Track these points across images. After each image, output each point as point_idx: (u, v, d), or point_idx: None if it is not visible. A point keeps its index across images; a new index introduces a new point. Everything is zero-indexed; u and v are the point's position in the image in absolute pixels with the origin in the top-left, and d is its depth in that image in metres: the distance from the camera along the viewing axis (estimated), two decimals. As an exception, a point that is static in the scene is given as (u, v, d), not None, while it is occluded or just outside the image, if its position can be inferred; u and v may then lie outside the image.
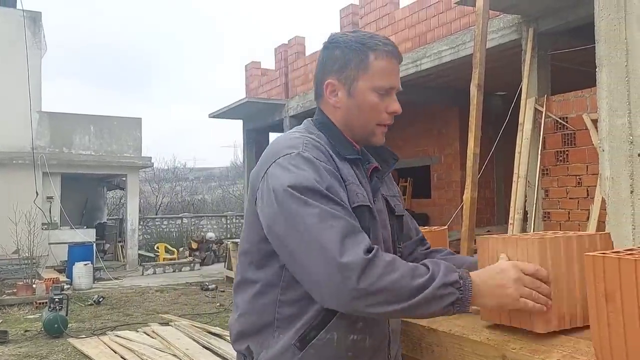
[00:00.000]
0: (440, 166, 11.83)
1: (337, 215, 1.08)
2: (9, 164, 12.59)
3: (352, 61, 1.28)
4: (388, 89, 1.29)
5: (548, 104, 6.19)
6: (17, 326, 7.68)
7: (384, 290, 1.03)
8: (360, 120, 1.30)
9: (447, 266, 1.10)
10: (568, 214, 6.02)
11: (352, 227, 1.09)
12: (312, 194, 1.10)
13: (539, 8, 6.24)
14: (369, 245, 1.08)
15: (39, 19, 14.12)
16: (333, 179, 1.16)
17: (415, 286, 1.05)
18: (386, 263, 1.05)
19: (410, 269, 1.07)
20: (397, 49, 1.33)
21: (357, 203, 1.18)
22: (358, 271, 1.03)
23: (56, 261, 12.81)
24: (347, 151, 1.27)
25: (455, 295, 1.07)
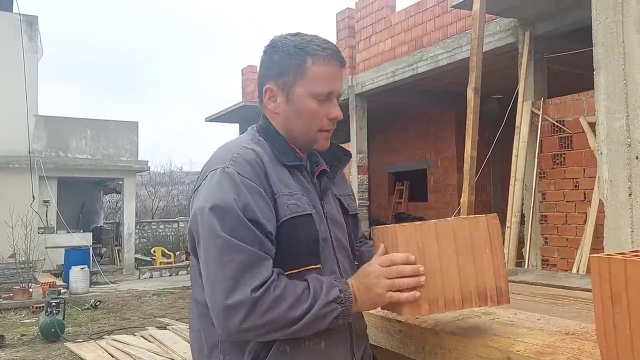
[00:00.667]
0: (437, 169, 11.85)
1: (239, 248, 1.11)
2: (5, 168, 12.55)
3: (290, 66, 1.25)
4: (327, 94, 1.25)
5: (545, 107, 6.22)
6: (13, 330, 7.64)
7: (268, 324, 1.10)
8: (299, 127, 1.27)
9: (329, 283, 1.16)
10: (565, 216, 6.04)
11: (254, 259, 1.11)
12: (227, 217, 1.13)
13: (535, 11, 6.27)
14: (264, 278, 1.11)
15: (35, 23, 14.09)
16: (254, 196, 1.16)
17: (298, 315, 1.11)
18: (273, 298, 1.10)
19: (295, 297, 1.12)
20: (338, 52, 1.28)
21: (287, 216, 1.18)
22: (243, 312, 1.09)
23: (52, 265, 12.76)
24: (287, 158, 1.25)
25: (338, 310, 1.14)
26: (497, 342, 1.14)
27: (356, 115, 10.03)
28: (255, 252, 1.12)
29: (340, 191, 1.39)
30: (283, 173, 1.23)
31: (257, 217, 1.14)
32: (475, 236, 1.15)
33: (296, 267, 1.19)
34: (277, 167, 1.23)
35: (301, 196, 1.23)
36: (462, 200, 5.83)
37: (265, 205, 1.16)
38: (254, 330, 1.11)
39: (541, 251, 6.31)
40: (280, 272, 1.16)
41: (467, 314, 1.41)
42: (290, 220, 1.18)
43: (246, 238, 1.12)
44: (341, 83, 1.29)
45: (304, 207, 1.21)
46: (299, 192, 1.23)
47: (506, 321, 1.29)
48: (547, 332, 1.17)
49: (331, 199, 1.33)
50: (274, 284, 1.12)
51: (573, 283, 1.66)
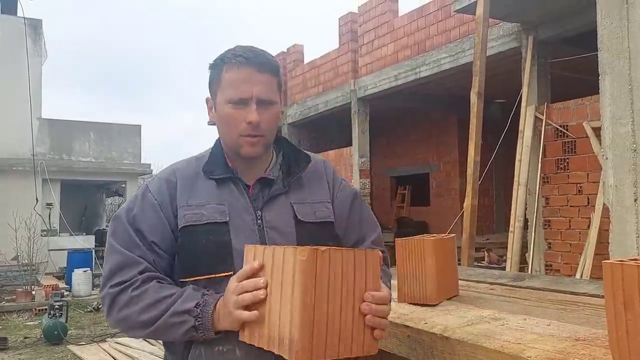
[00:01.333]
0: (439, 174, 11.85)
1: (116, 250, 1.25)
2: (8, 171, 12.58)
3: (213, 77, 1.32)
4: (240, 100, 1.26)
5: (548, 111, 6.22)
6: (16, 333, 7.65)
7: (124, 320, 1.22)
8: (224, 134, 1.33)
9: (189, 295, 1.18)
10: (569, 221, 6.03)
11: (126, 261, 1.24)
12: (118, 224, 1.29)
13: (538, 16, 6.28)
14: (128, 277, 1.22)
15: (39, 27, 14.15)
16: (147, 210, 1.28)
17: (149, 318, 1.18)
18: (129, 297, 1.20)
19: (152, 301, 1.18)
20: (257, 57, 1.28)
21: (182, 225, 1.26)
22: (106, 306, 1.25)
23: (55, 268, 12.77)
24: (213, 171, 1.31)
25: (191, 322, 1.15)
26: (508, 348, 1.14)
27: (358, 119, 10.04)
28: (128, 255, 1.24)
29: (302, 198, 1.35)
30: (206, 185, 1.30)
31: (141, 227, 1.27)
32: (286, 269, 1.02)
33: (202, 273, 1.23)
34: (200, 180, 1.31)
35: (215, 206, 1.27)
36: (465, 205, 5.83)
37: (156, 217, 1.27)
38: (116, 324, 1.24)
39: (544, 256, 6.30)
40: (151, 277, 1.23)
41: (476, 319, 1.41)
42: (185, 228, 1.25)
43: (126, 243, 1.25)
44: (262, 88, 1.27)
45: (210, 216, 1.25)
46: (215, 202, 1.27)
47: (516, 327, 1.29)
48: (558, 338, 1.17)
49: (279, 206, 1.31)
50: (135, 284, 1.21)
51: (581, 289, 1.66)
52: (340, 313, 1.02)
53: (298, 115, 11.97)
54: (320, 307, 1.00)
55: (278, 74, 1.33)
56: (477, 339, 1.24)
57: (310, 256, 0.99)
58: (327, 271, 1.01)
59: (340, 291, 1.03)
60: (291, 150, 1.42)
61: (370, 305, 1.06)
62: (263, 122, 1.27)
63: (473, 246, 5.77)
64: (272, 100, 1.29)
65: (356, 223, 1.42)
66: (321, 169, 1.43)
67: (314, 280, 0.99)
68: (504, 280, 1.93)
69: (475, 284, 1.95)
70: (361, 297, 1.06)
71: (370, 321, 1.06)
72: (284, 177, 1.36)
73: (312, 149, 12.60)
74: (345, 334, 1.03)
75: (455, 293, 1.76)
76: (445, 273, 1.69)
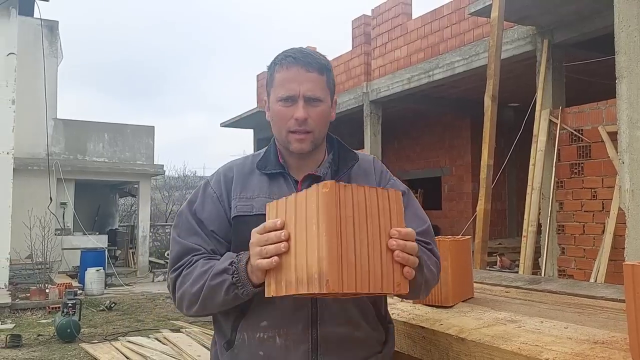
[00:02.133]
0: (452, 177, 11.80)
1: (176, 241, 1.36)
2: (24, 170, 12.72)
3: (268, 77, 1.40)
4: (289, 97, 1.32)
5: (563, 115, 6.18)
6: (30, 330, 7.72)
7: (183, 298, 1.29)
8: (276, 131, 1.39)
9: (224, 257, 1.26)
10: (583, 227, 5.98)
11: (184, 249, 1.33)
12: (181, 217, 1.40)
13: (554, 19, 6.25)
14: (183, 262, 1.31)
15: (55, 28, 14.32)
16: (207, 201, 1.39)
17: (197, 288, 1.25)
18: (182, 276, 1.30)
19: (198, 274, 1.26)
20: (305, 56, 1.34)
21: (232, 215, 1.35)
22: (170, 290, 1.35)
23: (68, 266, 12.90)
24: (267, 166, 1.40)
25: (228, 280, 1.20)
26: (525, 350, 1.14)
27: (371, 121, 10.04)
28: (185, 244, 1.34)
29: None
30: (258, 180, 1.39)
31: (201, 217, 1.37)
32: (309, 207, 1.03)
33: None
34: (255, 175, 1.40)
35: (264, 199, 1.33)
36: (478, 208, 5.80)
37: (214, 208, 1.37)
38: (180, 304, 1.32)
39: (558, 261, 6.25)
40: (201, 257, 1.31)
41: (492, 321, 1.41)
42: (236, 218, 1.34)
43: (185, 233, 1.36)
44: (309, 85, 1.32)
45: (259, 208, 1.32)
46: (264, 195, 1.35)
47: (533, 329, 1.29)
48: (576, 340, 1.16)
49: None
50: (187, 265, 1.30)
51: (598, 292, 1.65)
52: (367, 248, 1.02)
53: (310, 117, 11.96)
54: (346, 240, 1.00)
55: (327, 73, 1.36)
56: (494, 341, 1.23)
57: (332, 188, 1.00)
58: (350, 205, 1.02)
59: (366, 226, 1.03)
60: (341, 150, 1.46)
61: (398, 240, 1.05)
62: (310, 118, 1.32)
63: (486, 250, 5.74)
64: (319, 98, 1.33)
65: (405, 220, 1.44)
66: (370, 166, 1.47)
67: (338, 212, 1.00)
68: (520, 284, 1.92)
69: (490, 287, 1.94)
70: (387, 234, 1.06)
71: (398, 256, 1.05)
72: (333, 175, 1.40)
73: (324, 151, 12.59)
74: (375, 269, 1.02)
75: (470, 295, 1.76)
76: (460, 275, 1.69)
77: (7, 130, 10.27)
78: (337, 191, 1.00)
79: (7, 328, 7.86)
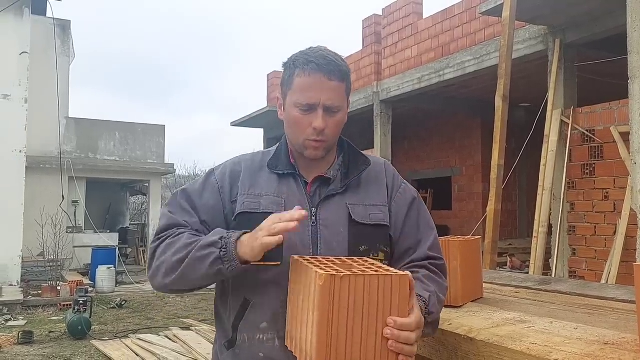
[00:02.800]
0: (462, 178, 11.75)
1: (164, 215, 1.38)
2: (36, 168, 12.85)
3: (285, 78, 1.37)
4: (308, 105, 1.31)
5: (575, 116, 6.14)
6: (41, 327, 7.80)
7: (160, 266, 1.29)
8: (290, 134, 1.38)
9: (215, 232, 1.27)
10: (594, 228, 5.94)
11: (170, 223, 1.34)
12: (176, 195, 1.41)
13: (566, 19, 6.21)
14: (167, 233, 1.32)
15: (68, 28, 14.45)
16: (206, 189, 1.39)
17: (180, 257, 1.25)
18: (165, 245, 1.29)
19: (183, 244, 1.26)
20: (328, 65, 1.31)
21: (238, 211, 1.34)
22: (149, 258, 1.35)
23: (80, 264, 13.02)
24: (278, 165, 1.39)
25: (215, 253, 1.20)
26: (535, 350, 1.13)
27: (381, 121, 10.03)
28: (175, 219, 1.35)
29: (357, 200, 1.37)
30: (268, 178, 1.38)
31: (195, 202, 1.37)
32: (310, 288, 1.05)
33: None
34: (264, 173, 1.39)
35: (273, 197, 1.34)
36: (488, 209, 5.78)
37: (213, 198, 1.37)
38: (155, 273, 1.31)
39: (569, 262, 6.21)
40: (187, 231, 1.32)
41: (501, 322, 1.41)
42: (242, 214, 1.33)
43: (176, 209, 1.37)
44: (330, 95, 1.31)
45: (267, 206, 1.32)
46: (273, 194, 1.35)
47: (542, 329, 1.29)
48: (585, 341, 1.16)
49: (334, 206, 1.35)
50: (171, 234, 1.31)
51: (609, 294, 1.64)
52: (361, 337, 1.03)
53: (320, 117, 11.97)
54: (339, 330, 1.01)
55: (347, 79, 1.36)
56: (503, 341, 1.23)
57: (327, 282, 1.00)
58: (346, 295, 1.02)
59: (362, 314, 1.03)
60: (352, 153, 1.45)
61: (393, 330, 1.05)
62: (328, 128, 1.32)
63: (496, 251, 5.71)
64: (338, 107, 1.33)
65: (412, 227, 1.42)
66: (382, 172, 1.45)
67: (331, 306, 1.00)
68: (530, 284, 1.91)
69: (500, 287, 1.94)
70: (384, 322, 1.05)
71: (392, 347, 1.05)
72: (342, 178, 1.39)
73: (333, 150, 12.60)
74: (367, 357, 1.03)
75: (480, 295, 1.76)
76: (470, 275, 1.69)
77: (20, 129, 10.37)
78: (332, 285, 1.00)
79: (19, 324, 7.95)
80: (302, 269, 1.11)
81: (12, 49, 10.44)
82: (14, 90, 10.38)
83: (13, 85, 10.39)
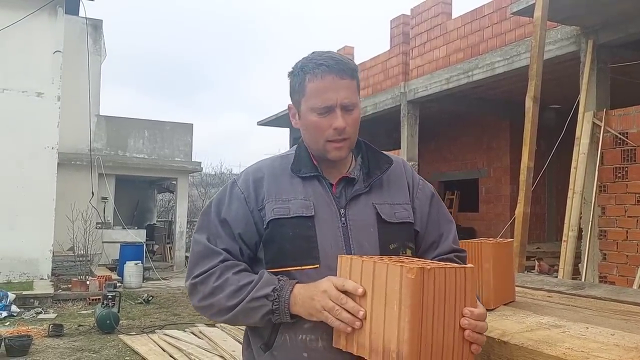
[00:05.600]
0: (489, 179, 11.62)
1: (197, 242, 1.35)
2: (68, 165, 13.14)
3: (296, 86, 1.38)
4: (325, 108, 1.32)
5: (607, 118, 6.01)
6: (71, 320, 7.98)
7: (208, 308, 1.31)
8: (310, 140, 1.38)
9: (266, 281, 1.25)
10: (626, 232, 5.81)
11: (206, 251, 1.33)
12: (204, 217, 1.40)
13: (599, 19, 6.08)
14: (207, 268, 1.31)
15: (99, 27, 14.73)
16: (233, 202, 1.37)
17: (232, 304, 1.26)
18: (212, 289, 1.29)
19: (235, 288, 1.27)
20: (337, 65, 1.32)
21: (270, 218, 1.32)
22: (190, 293, 1.35)
23: (108, 259, 13.26)
24: (300, 170, 1.38)
25: (268, 306, 1.23)
26: (571, 356, 1.12)
27: (408, 122, 9.97)
28: (207, 246, 1.33)
29: (382, 199, 1.39)
30: (292, 182, 1.37)
31: (227, 218, 1.35)
32: (390, 285, 1.06)
33: (290, 265, 1.29)
34: (286, 177, 1.38)
35: (301, 201, 1.33)
36: (517, 212, 5.70)
37: (241, 209, 1.35)
38: (200, 310, 1.34)
39: (599, 267, 6.09)
40: (229, 267, 1.30)
41: (535, 326, 1.39)
42: (273, 221, 1.32)
43: (209, 235, 1.35)
44: (345, 93, 1.32)
45: (297, 210, 1.32)
46: (301, 198, 1.34)
47: (578, 335, 1.27)
48: (623, 348, 1.14)
49: (362, 206, 1.36)
50: (216, 274, 1.29)
51: (646, 300, 1.61)
52: (443, 328, 1.06)
53: (346, 117, 11.96)
54: (426, 323, 1.04)
55: (357, 76, 1.37)
56: (538, 345, 1.22)
57: (418, 275, 1.03)
58: (432, 288, 1.05)
59: (444, 307, 1.07)
60: (371, 152, 1.45)
61: (470, 320, 1.10)
62: (348, 126, 1.33)
63: (524, 255, 5.63)
64: (354, 104, 1.34)
65: (435, 222, 1.45)
66: (401, 170, 1.47)
67: (421, 298, 1.03)
68: (562, 288, 1.89)
69: (532, 291, 1.92)
70: (460, 312, 1.10)
71: (469, 336, 1.10)
72: (365, 177, 1.40)
73: (359, 151, 12.58)
74: (448, 348, 1.07)
75: (512, 299, 1.74)
76: (502, 278, 1.68)
77: (52, 126, 10.62)
78: (422, 278, 1.03)
79: (49, 317, 8.14)
80: (370, 267, 1.11)
81: (46, 48, 10.70)
82: (47, 88, 10.64)
83: (46, 83, 10.64)
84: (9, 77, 10.40)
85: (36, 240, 10.33)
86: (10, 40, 10.36)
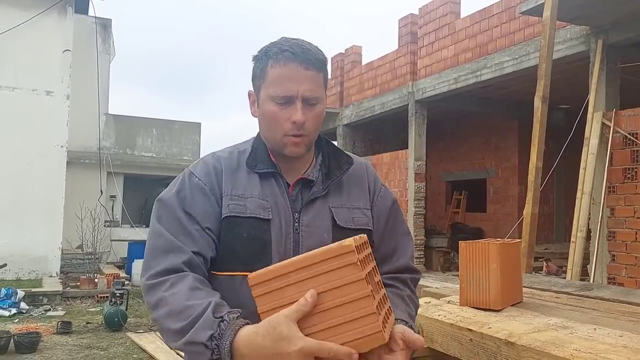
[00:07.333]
0: (497, 180, 11.58)
1: (159, 234, 1.18)
2: (76, 163, 13.21)
3: (257, 71, 1.26)
4: (285, 97, 1.20)
5: (616, 118, 5.98)
6: (79, 318, 8.02)
7: (155, 322, 1.12)
8: (267, 131, 1.27)
9: (204, 322, 1.02)
10: (635, 234, 5.78)
11: (168, 245, 1.16)
12: (162, 207, 1.22)
13: (609, 19, 6.05)
14: (168, 266, 1.13)
15: (109, 26, 14.80)
16: (195, 192, 1.22)
17: (176, 329, 1.05)
18: (158, 299, 1.10)
19: (177, 308, 1.06)
20: (304, 52, 1.21)
21: (224, 215, 1.20)
22: (144, 294, 1.15)
23: (116, 257, 13.33)
24: (258, 164, 1.27)
25: (206, 355, 1.00)
26: (579, 357, 1.12)
27: (415, 122, 9.95)
28: (170, 240, 1.16)
29: (340, 202, 1.29)
30: (249, 178, 1.25)
31: (192, 212, 1.20)
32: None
33: (239, 269, 1.17)
34: (243, 172, 1.26)
35: (258, 200, 1.22)
36: (525, 212, 5.68)
37: (207, 201, 1.21)
38: (155, 319, 1.13)
39: (607, 269, 6.06)
40: (183, 277, 1.12)
41: (543, 327, 1.39)
42: (227, 219, 1.20)
43: (174, 228, 1.18)
44: (308, 85, 1.20)
45: (253, 210, 1.21)
46: (257, 196, 1.23)
47: (586, 336, 1.27)
48: (632, 349, 1.14)
49: (317, 209, 1.26)
50: (169, 282, 1.11)
51: (655, 302, 1.60)
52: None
53: (354, 116, 11.98)
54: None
55: (324, 69, 1.26)
56: (545, 346, 1.22)
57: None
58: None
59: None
60: (332, 151, 1.35)
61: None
62: (308, 121, 1.22)
63: (532, 255, 5.62)
64: (317, 99, 1.23)
65: (392, 232, 1.34)
66: (363, 172, 1.36)
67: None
68: (570, 290, 1.88)
69: (540, 292, 1.91)
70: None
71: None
72: (324, 178, 1.29)
73: (366, 150, 12.59)
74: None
75: (519, 299, 1.74)
76: (509, 278, 1.68)
77: (61, 125, 10.68)
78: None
79: (58, 315, 8.19)
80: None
81: (56, 47, 10.75)
82: (57, 87, 10.70)
83: (56, 82, 10.70)
84: (19, 75, 10.47)
85: (45, 238, 10.40)
86: (20, 39, 10.43)
